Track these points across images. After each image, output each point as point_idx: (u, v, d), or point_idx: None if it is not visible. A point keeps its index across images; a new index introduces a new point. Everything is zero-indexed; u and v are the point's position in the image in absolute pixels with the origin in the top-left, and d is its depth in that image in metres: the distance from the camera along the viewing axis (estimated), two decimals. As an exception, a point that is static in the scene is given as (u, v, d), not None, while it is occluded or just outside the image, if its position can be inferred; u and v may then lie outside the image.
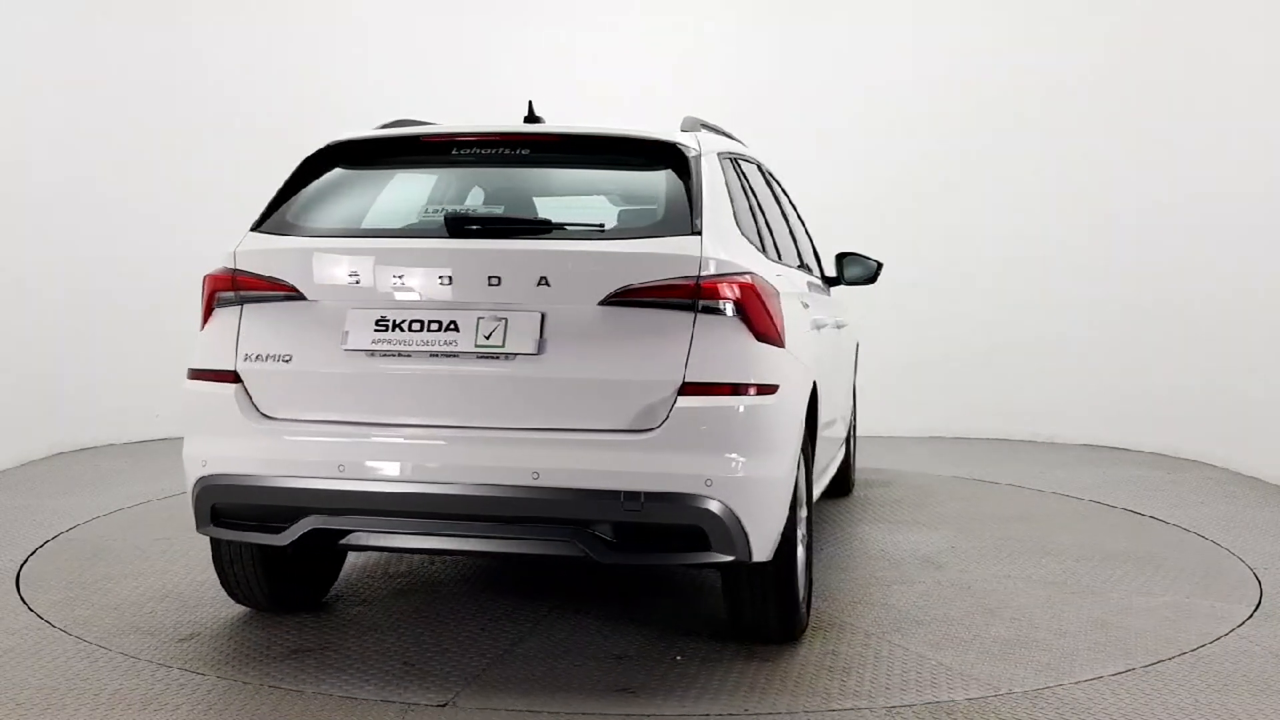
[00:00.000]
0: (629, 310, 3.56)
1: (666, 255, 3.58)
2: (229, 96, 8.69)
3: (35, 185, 7.67)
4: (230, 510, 3.77)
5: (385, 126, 4.26)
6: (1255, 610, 4.58)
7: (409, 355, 3.61)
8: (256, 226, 3.93)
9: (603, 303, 3.56)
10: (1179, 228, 8.21)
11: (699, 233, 3.64)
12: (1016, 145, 8.94)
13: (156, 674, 3.75)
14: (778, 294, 3.82)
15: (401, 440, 3.61)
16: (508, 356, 3.56)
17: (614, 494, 3.44)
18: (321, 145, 4.12)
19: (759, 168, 5.19)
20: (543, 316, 3.57)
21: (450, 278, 3.61)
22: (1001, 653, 4.01)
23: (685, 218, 3.70)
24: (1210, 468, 7.81)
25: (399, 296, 3.65)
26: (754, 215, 4.33)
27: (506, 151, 4.00)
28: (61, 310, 7.90)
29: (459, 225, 3.73)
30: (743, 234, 3.98)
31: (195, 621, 4.29)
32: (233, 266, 3.82)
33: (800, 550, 4.06)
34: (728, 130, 5.10)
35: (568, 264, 3.59)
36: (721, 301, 3.56)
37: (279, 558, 4.20)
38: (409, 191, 4.18)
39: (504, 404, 3.57)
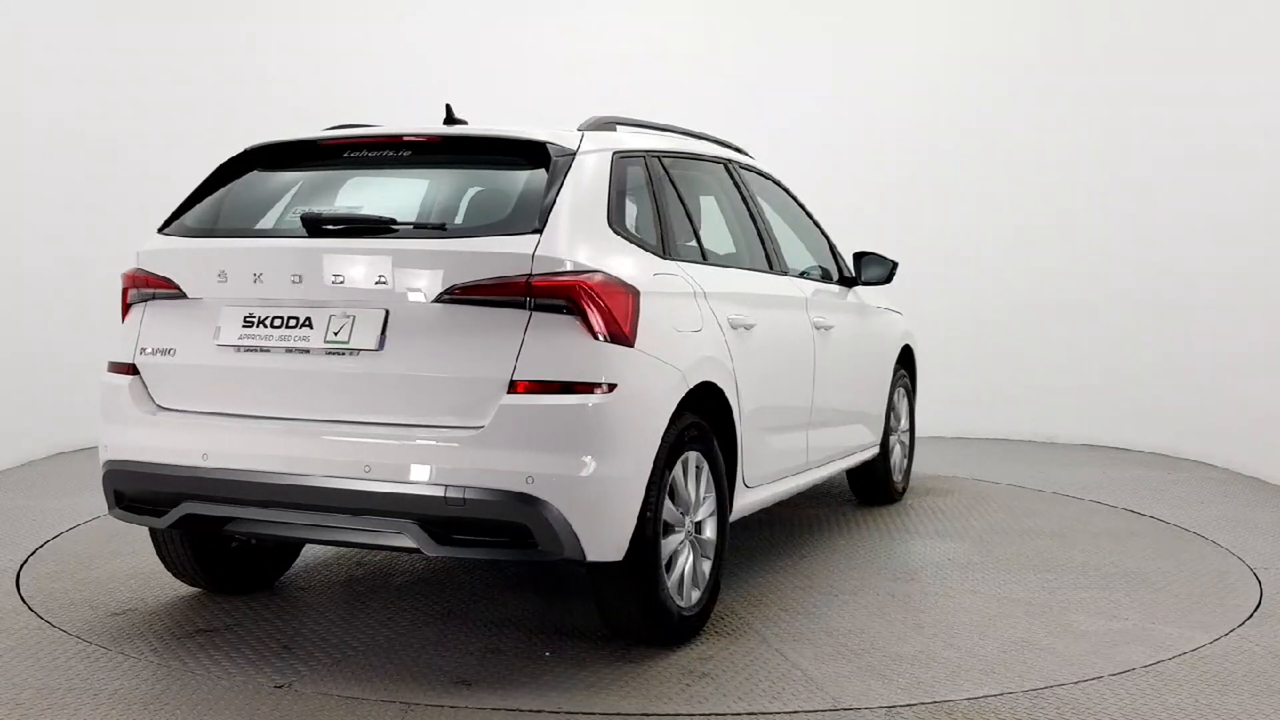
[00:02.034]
0: (465, 308, 3.62)
1: (498, 254, 3.63)
2: (231, 97, 8.69)
3: (34, 184, 7.67)
4: (128, 494, 4.04)
5: (333, 129, 4.39)
6: (1255, 610, 4.58)
7: (268, 350, 3.79)
8: (162, 228, 4.16)
9: (437, 300, 3.63)
10: (1179, 227, 8.22)
11: (539, 231, 3.67)
12: (1016, 144, 8.95)
13: (157, 674, 3.76)
14: (635, 293, 3.76)
15: (257, 431, 3.79)
16: (352, 352, 3.69)
17: (440, 489, 3.52)
18: (236, 152, 4.31)
19: (728, 168, 5.14)
20: (386, 314, 3.68)
21: (301, 276, 3.76)
22: (880, 668, 3.86)
23: (531, 216, 3.73)
24: (1210, 468, 7.82)
25: (264, 294, 3.82)
26: (659, 216, 4.30)
27: (391, 154, 4.12)
28: (63, 310, 7.90)
29: (314, 225, 3.85)
30: (622, 233, 3.97)
31: (132, 599, 4.36)
32: (136, 266, 4.12)
33: (687, 555, 4.04)
34: (691, 129, 5.09)
35: (403, 262, 3.69)
36: (554, 300, 3.59)
37: (208, 541, 4.41)
38: (296, 193, 4.29)
39: (346, 398, 3.70)
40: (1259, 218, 7.52)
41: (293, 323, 3.77)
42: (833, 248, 5.92)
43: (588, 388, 3.58)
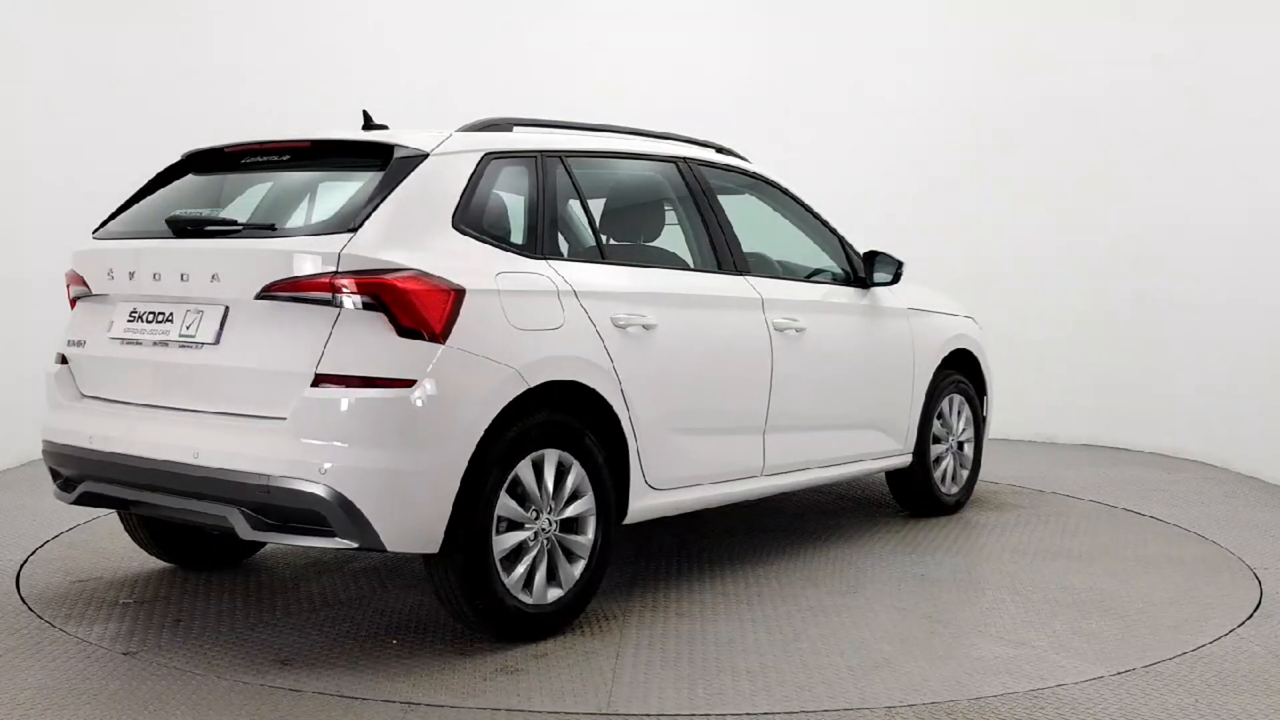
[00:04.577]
0: (287, 305, 3.80)
1: (307, 253, 3.80)
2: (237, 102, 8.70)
3: (36, 184, 7.67)
4: (61, 473, 4.39)
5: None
6: (1255, 610, 4.58)
7: (140, 343, 4.12)
8: (94, 230, 4.51)
9: (260, 297, 3.82)
10: (1179, 227, 8.21)
11: (354, 230, 3.80)
12: (1017, 146, 8.94)
13: (157, 674, 3.77)
14: (456, 291, 3.81)
15: (126, 417, 4.12)
16: (197, 345, 3.96)
17: (250, 476, 3.71)
18: (176, 159, 4.61)
19: (679, 167, 5.05)
20: (226, 310, 3.92)
21: (160, 275, 4.08)
22: (697, 678, 3.77)
23: (352, 216, 3.86)
24: (1210, 468, 7.81)
25: (140, 291, 4.16)
26: (537, 215, 4.30)
27: (275, 159, 4.35)
28: (62, 309, 7.89)
29: (178, 226, 4.14)
30: (471, 233, 4.03)
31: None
32: (71, 266, 4.48)
33: (539, 553, 4.05)
34: (648, 129, 5.08)
35: (232, 262, 3.93)
36: (360, 297, 3.72)
37: (160, 520, 4.71)
38: (192, 197, 4.48)
39: (189, 388, 3.98)
40: (1260, 218, 7.51)
41: (160, 318, 4.08)
42: (846, 249, 5.77)
43: (388, 383, 3.69)
